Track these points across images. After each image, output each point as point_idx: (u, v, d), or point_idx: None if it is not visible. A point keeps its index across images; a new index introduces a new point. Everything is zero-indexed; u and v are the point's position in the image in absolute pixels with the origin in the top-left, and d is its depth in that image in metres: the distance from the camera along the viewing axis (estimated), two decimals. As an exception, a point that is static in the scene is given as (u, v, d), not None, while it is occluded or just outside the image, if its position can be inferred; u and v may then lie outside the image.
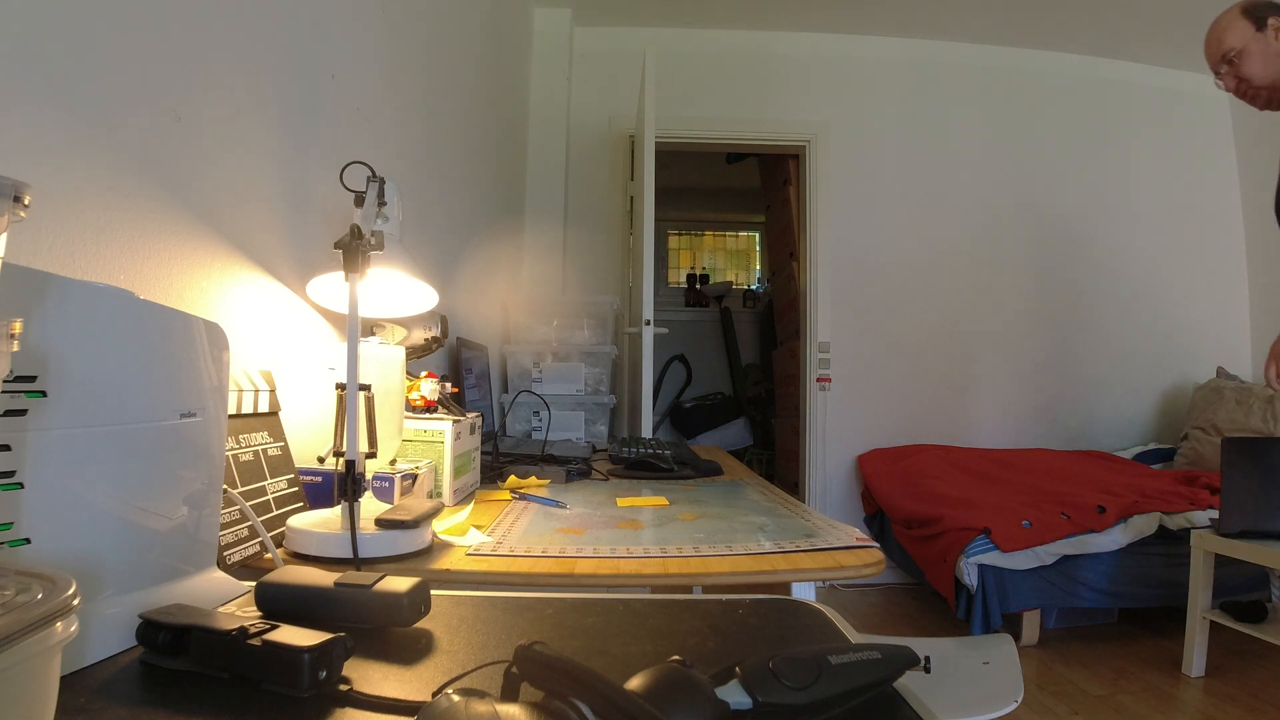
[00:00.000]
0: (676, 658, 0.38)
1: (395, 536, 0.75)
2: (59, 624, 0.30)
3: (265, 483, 0.79)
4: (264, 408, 0.84)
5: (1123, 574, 2.41)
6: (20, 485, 0.42)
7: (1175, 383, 3.62)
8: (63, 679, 0.36)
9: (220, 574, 0.60)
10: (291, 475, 0.85)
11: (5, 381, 0.35)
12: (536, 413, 2.29)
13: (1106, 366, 3.58)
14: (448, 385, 1.26)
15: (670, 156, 4.25)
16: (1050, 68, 3.59)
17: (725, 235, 6.25)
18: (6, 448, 0.41)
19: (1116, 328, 3.59)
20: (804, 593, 0.88)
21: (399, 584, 0.53)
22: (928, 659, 0.44)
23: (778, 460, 4.47)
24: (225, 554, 0.68)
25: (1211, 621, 2.13)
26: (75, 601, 0.31)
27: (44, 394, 0.43)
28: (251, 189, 0.94)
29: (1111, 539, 2.39)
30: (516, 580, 0.72)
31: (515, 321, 2.54)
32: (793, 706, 0.38)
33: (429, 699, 0.34)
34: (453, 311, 1.76)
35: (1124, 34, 3.37)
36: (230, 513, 0.71)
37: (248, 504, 0.72)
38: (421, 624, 0.54)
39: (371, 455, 0.78)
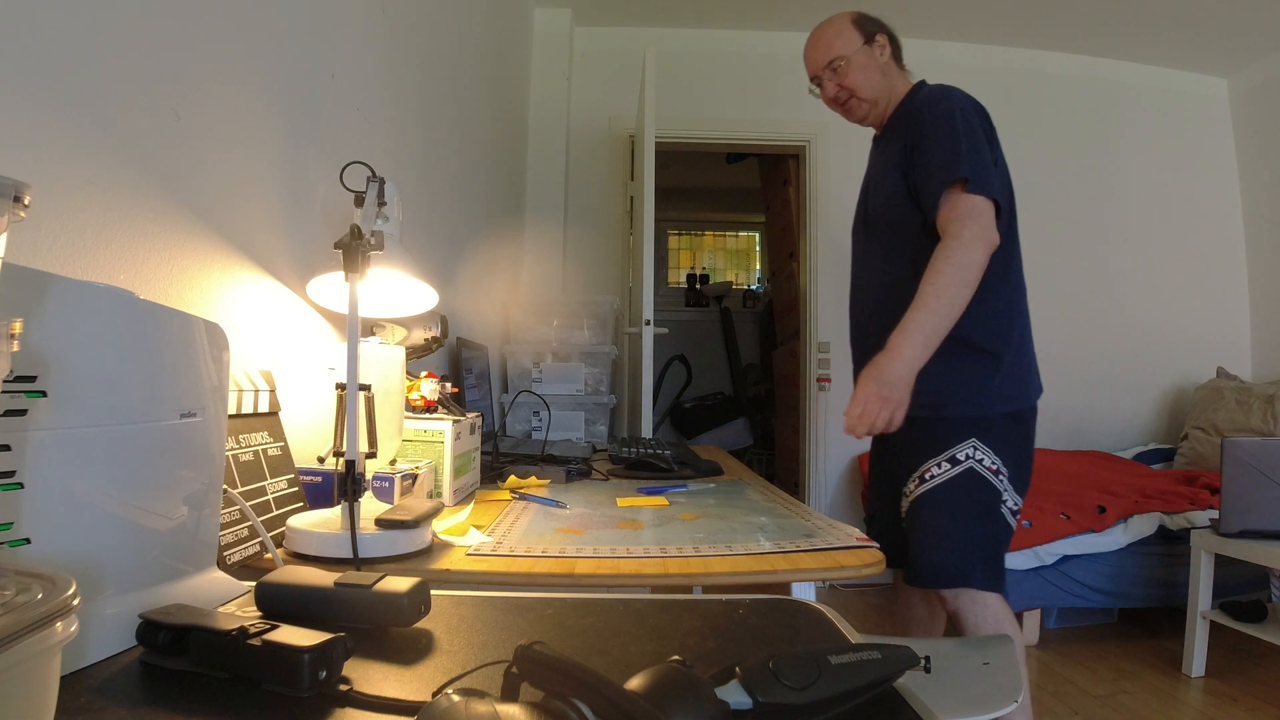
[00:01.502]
0: (676, 658, 0.38)
1: (395, 536, 0.75)
2: (59, 624, 0.30)
3: (265, 483, 0.79)
4: (264, 408, 0.84)
5: (1123, 574, 2.41)
6: (20, 485, 0.42)
7: (1175, 383, 3.62)
8: (63, 679, 0.36)
9: (220, 574, 0.60)
10: (291, 475, 0.85)
11: (5, 381, 0.35)
12: (536, 413, 2.29)
13: (1106, 366, 3.58)
14: (448, 385, 1.26)
15: (670, 156, 4.25)
16: (1050, 68, 3.59)
17: (725, 235, 6.25)
18: (6, 448, 0.41)
19: (1116, 327, 3.59)
20: (804, 593, 0.87)
21: (399, 584, 0.52)
22: (927, 659, 0.44)
23: (778, 460, 4.47)
24: (225, 554, 0.68)
25: (1211, 621, 2.13)
26: (75, 601, 0.31)
27: (44, 394, 0.43)
28: (251, 189, 0.94)
29: (1111, 539, 2.39)
30: (516, 580, 0.72)
31: (515, 321, 2.54)
32: (793, 706, 0.38)
33: (429, 699, 0.34)
34: (453, 311, 1.76)
35: (1124, 34, 3.37)
36: (230, 513, 0.71)
37: (248, 504, 0.72)
38: (421, 624, 0.54)
39: (371, 455, 0.78)
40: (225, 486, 0.67)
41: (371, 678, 0.45)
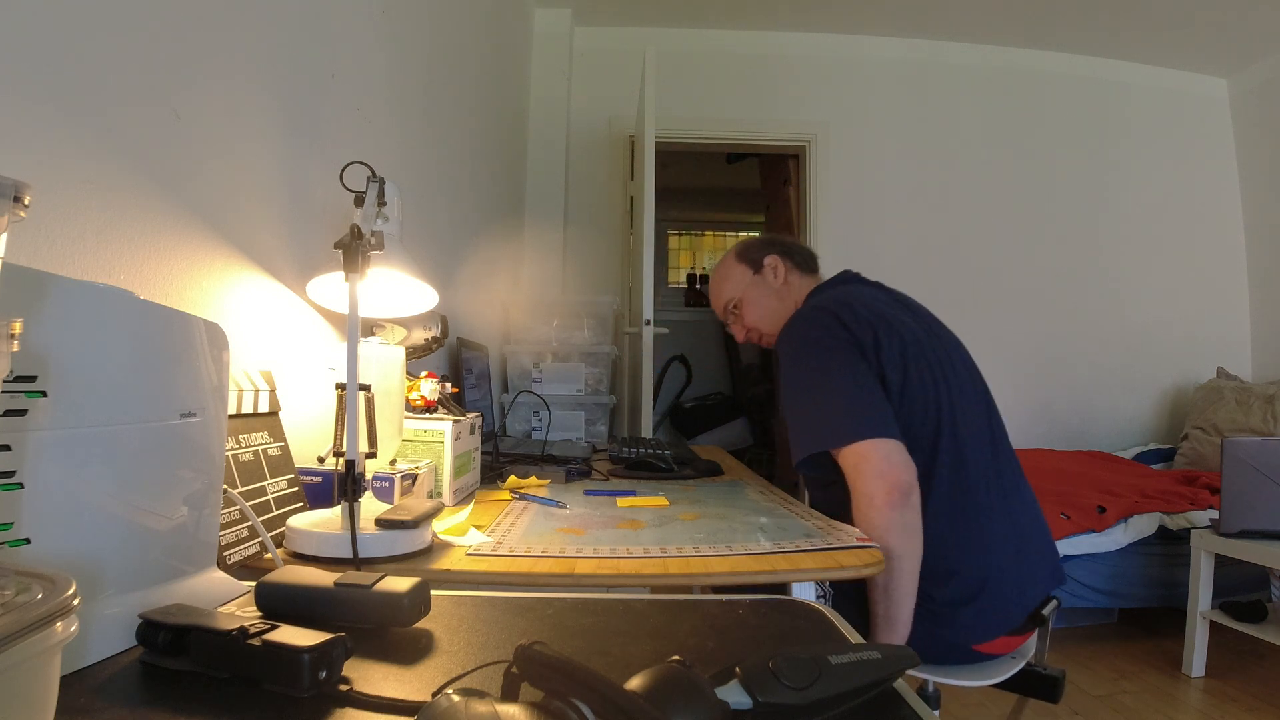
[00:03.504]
0: (676, 658, 0.38)
1: (395, 536, 0.75)
2: (59, 624, 0.30)
3: (265, 483, 0.79)
4: (264, 408, 0.84)
5: (1123, 574, 2.40)
6: (20, 485, 0.42)
7: (1175, 383, 3.62)
8: (63, 679, 0.36)
9: (220, 574, 0.60)
10: (291, 475, 0.85)
11: (5, 381, 0.35)
12: (536, 413, 2.29)
13: (1106, 366, 3.58)
14: (448, 385, 1.26)
15: (670, 156, 4.25)
16: (1050, 68, 3.59)
17: (725, 235, 6.25)
18: (6, 448, 0.41)
19: (1116, 328, 3.59)
20: (804, 593, 0.88)
21: (399, 584, 0.52)
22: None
23: (778, 460, 4.47)
24: (225, 554, 0.68)
25: (1211, 621, 2.13)
26: (75, 601, 0.31)
27: (44, 394, 0.43)
28: (251, 189, 0.94)
29: (1111, 539, 2.39)
30: (516, 580, 0.72)
31: (515, 321, 2.53)
32: (793, 706, 0.38)
33: (429, 699, 0.34)
34: (453, 311, 1.76)
35: (1124, 34, 3.37)
36: (230, 513, 0.71)
37: (248, 504, 0.72)
38: (421, 624, 0.54)
39: (371, 455, 0.78)
40: (225, 486, 0.67)
41: (371, 678, 0.45)
